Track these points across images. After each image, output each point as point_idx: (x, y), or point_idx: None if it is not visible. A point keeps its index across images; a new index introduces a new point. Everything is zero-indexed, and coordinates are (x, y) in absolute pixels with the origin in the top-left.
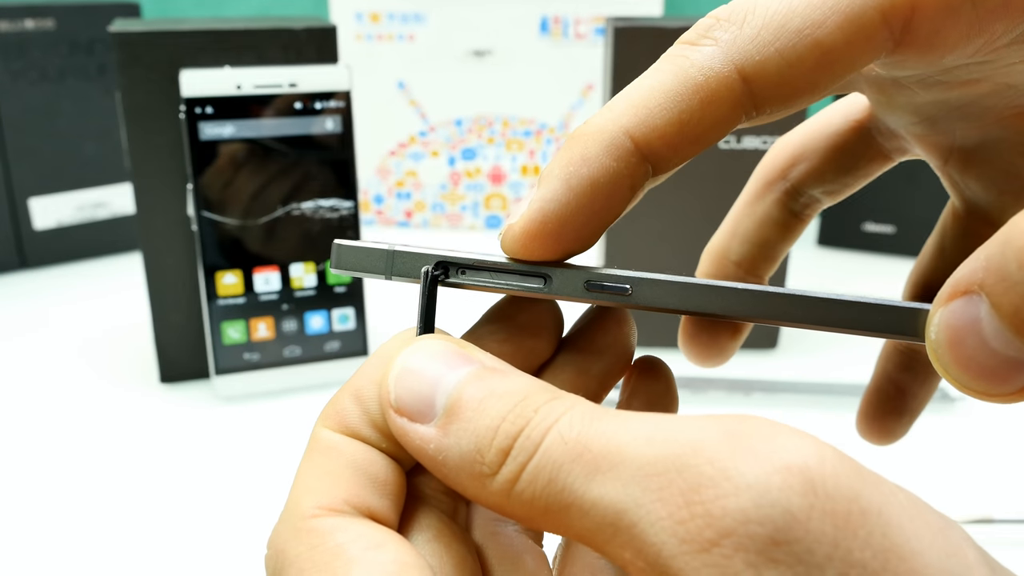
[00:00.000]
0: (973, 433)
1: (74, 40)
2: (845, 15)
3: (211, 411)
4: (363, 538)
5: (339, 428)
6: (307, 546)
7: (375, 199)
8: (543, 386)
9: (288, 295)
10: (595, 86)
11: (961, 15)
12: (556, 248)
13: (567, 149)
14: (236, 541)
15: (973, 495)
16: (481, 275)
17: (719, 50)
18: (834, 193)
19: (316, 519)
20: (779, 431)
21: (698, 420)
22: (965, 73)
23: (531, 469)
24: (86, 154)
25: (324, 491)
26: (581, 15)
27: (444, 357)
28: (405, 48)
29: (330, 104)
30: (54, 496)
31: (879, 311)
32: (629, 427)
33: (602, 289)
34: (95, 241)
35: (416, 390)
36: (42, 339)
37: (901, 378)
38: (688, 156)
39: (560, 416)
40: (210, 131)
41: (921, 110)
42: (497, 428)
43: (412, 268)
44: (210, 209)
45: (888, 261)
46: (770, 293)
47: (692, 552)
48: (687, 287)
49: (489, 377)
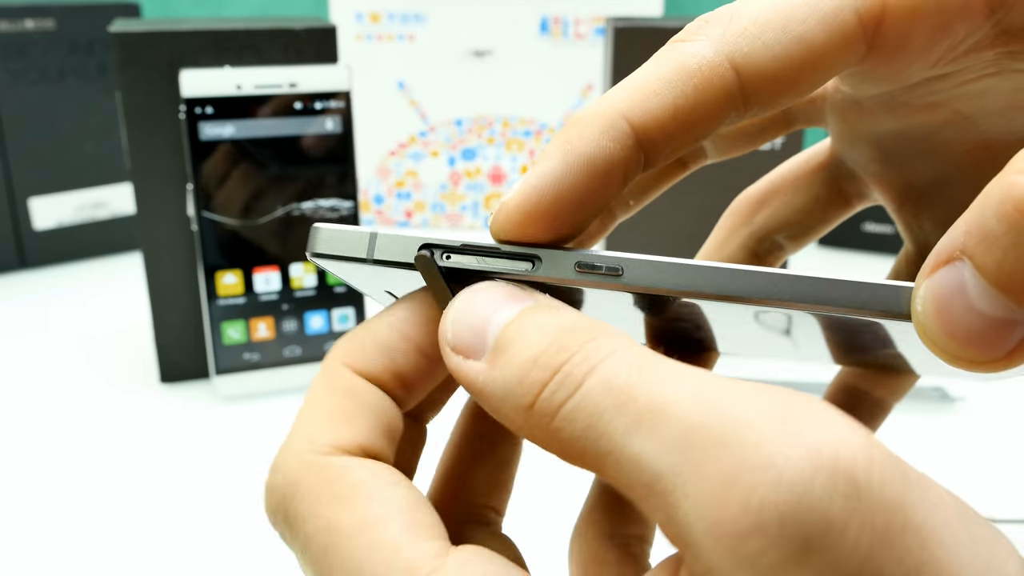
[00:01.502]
0: (973, 433)
1: (74, 40)
2: (825, 13)
3: (211, 411)
4: (380, 476)
5: (357, 368)
6: (324, 480)
7: (375, 199)
8: (592, 323)
9: (288, 295)
10: (595, 86)
11: (926, 17)
12: (549, 226)
13: (564, 130)
14: (236, 541)
15: (973, 495)
16: (467, 258)
17: (710, 43)
18: (796, 238)
19: (331, 456)
20: (833, 421)
21: (753, 391)
22: (925, 94)
23: (570, 408)
24: (86, 154)
25: (341, 432)
26: (581, 15)
27: (499, 296)
28: (405, 48)
29: (330, 104)
30: (54, 496)
31: (865, 289)
32: (680, 383)
33: (593, 270)
34: (95, 241)
35: (470, 327)
36: (42, 339)
37: (859, 385)
38: (680, 144)
39: (605, 357)
40: (210, 131)
41: (881, 143)
42: (536, 359)
43: (395, 252)
44: (210, 209)
45: (888, 261)
46: (760, 272)
47: (722, 539)
48: (679, 267)
49: (538, 313)
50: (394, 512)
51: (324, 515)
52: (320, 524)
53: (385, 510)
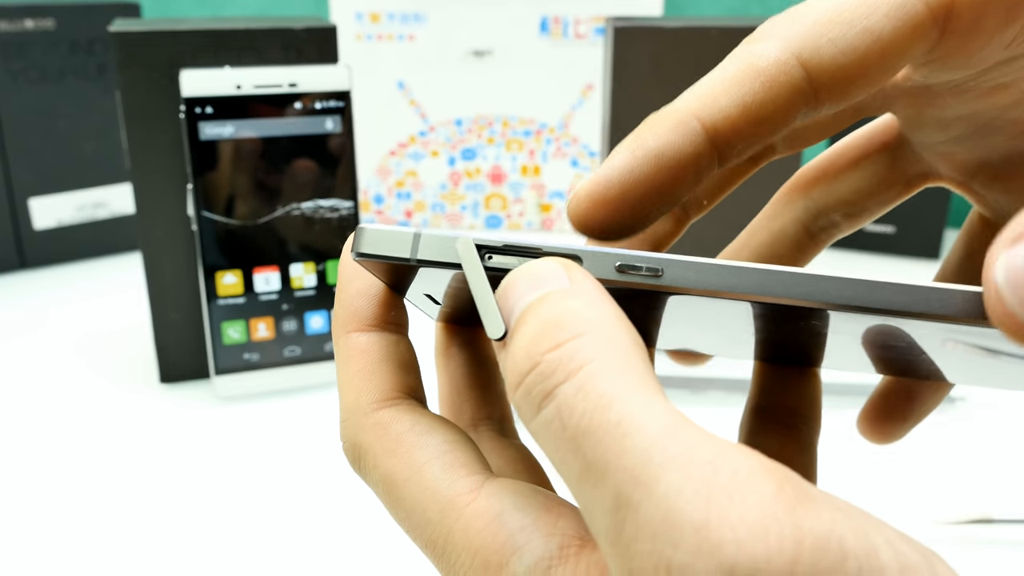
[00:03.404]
0: (973, 433)
1: (74, 40)
2: (892, 5)
3: (211, 411)
4: (417, 425)
5: (361, 327)
6: (375, 436)
7: (375, 199)
8: (575, 316)
9: (288, 295)
10: (595, 86)
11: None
12: (615, 214)
13: (638, 128)
14: (236, 541)
15: (973, 495)
16: (509, 258)
17: (777, 41)
18: (853, 217)
19: (376, 412)
20: (762, 501)
21: (687, 446)
22: (996, 76)
23: (545, 416)
24: (86, 154)
25: (375, 388)
26: (581, 15)
27: (534, 278)
28: (405, 48)
29: (330, 104)
30: (54, 496)
31: (931, 293)
32: (626, 438)
33: (633, 270)
34: (95, 241)
35: (505, 308)
36: (42, 339)
37: (913, 384)
38: (752, 141)
39: (578, 369)
40: (210, 131)
41: (950, 126)
42: (518, 353)
43: (438, 251)
44: (210, 209)
45: (888, 261)
46: (805, 275)
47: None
48: (720, 268)
49: (544, 302)
50: (433, 456)
51: (381, 467)
52: (379, 475)
53: (426, 456)
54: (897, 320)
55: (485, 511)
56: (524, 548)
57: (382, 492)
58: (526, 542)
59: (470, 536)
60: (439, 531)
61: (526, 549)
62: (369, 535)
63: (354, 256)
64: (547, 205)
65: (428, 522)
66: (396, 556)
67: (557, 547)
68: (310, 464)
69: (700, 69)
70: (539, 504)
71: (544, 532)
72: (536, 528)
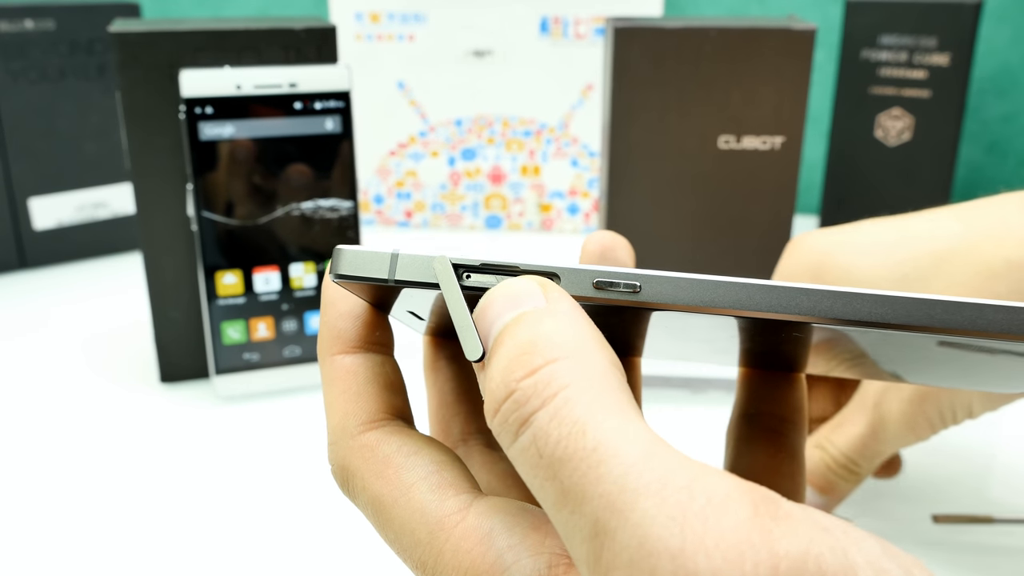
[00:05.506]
0: (973, 433)
1: (74, 40)
2: None
3: (211, 411)
4: (404, 446)
5: (345, 349)
6: (362, 458)
7: (375, 199)
8: (549, 340)
9: (288, 295)
10: (595, 86)
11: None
12: None
13: None
14: (236, 541)
15: (973, 495)
16: (487, 277)
17: None
18: None
19: (363, 434)
20: (737, 527)
21: (662, 472)
22: None
23: (521, 443)
24: (86, 154)
25: (361, 410)
26: (581, 15)
27: (510, 298)
28: (405, 48)
29: (330, 104)
30: (54, 496)
31: (914, 304)
32: (601, 465)
33: (611, 287)
34: (95, 241)
35: (483, 330)
36: (42, 339)
37: None
38: None
39: (552, 396)
40: (210, 131)
41: None
42: (495, 380)
43: (416, 272)
44: (210, 209)
45: None
46: (782, 288)
47: None
48: (698, 283)
49: (520, 323)
50: (421, 477)
51: (369, 489)
52: (368, 497)
53: (414, 477)
54: (879, 331)
55: (474, 531)
56: (513, 567)
57: (371, 514)
58: (515, 561)
59: (459, 556)
60: (429, 552)
61: (515, 568)
62: (369, 535)
63: (333, 278)
64: (547, 205)
65: (418, 543)
66: (396, 556)
67: (546, 565)
68: (310, 464)
69: (700, 69)
70: (527, 523)
71: (533, 551)
72: (524, 547)
